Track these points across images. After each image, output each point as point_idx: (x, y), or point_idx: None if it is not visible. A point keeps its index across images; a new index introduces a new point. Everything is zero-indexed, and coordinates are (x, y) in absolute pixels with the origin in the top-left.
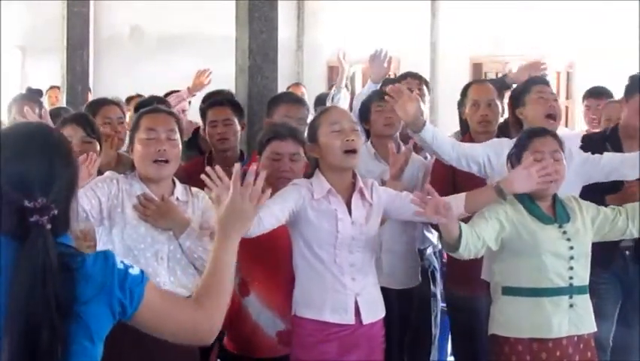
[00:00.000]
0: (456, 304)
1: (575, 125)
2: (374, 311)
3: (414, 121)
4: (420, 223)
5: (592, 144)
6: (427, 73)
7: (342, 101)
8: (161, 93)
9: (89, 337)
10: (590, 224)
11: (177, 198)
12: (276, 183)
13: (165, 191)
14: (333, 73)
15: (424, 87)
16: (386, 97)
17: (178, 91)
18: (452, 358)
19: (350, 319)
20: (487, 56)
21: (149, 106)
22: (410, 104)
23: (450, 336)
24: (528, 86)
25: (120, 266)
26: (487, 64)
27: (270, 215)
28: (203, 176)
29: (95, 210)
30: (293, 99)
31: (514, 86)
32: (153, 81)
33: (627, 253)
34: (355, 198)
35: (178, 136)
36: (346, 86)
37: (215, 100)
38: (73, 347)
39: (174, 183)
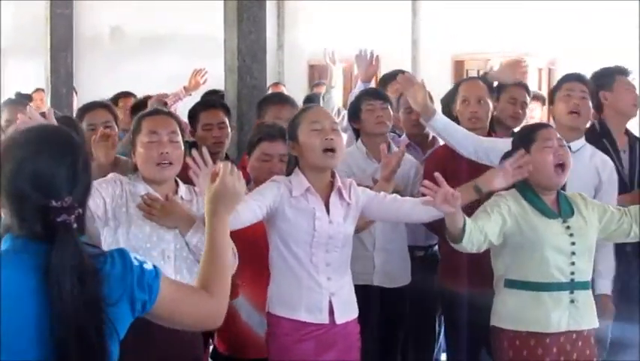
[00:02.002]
0: (450, 300)
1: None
2: (348, 311)
3: (424, 109)
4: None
5: (591, 142)
6: (408, 71)
7: (333, 100)
8: (143, 94)
9: (117, 338)
10: (597, 222)
11: (181, 198)
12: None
13: (168, 190)
14: (314, 72)
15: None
16: (397, 84)
17: (164, 93)
18: (444, 354)
19: (324, 318)
20: (469, 53)
21: (144, 106)
22: (420, 92)
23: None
24: (560, 83)
25: (136, 263)
26: (468, 62)
27: (248, 210)
28: (188, 159)
29: (101, 210)
30: (283, 100)
31: (495, 83)
32: (136, 82)
33: (628, 249)
34: (334, 198)
35: (180, 138)
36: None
37: (209, 102)
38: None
39: (177, 183)
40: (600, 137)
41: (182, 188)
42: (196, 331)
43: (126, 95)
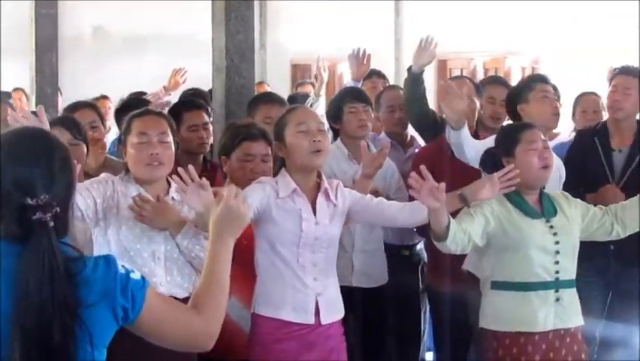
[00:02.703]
0: (437, 299)
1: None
2: (333, 312)
3: (458, 118)
4: None
5: (582, 140)
6: (391, 71)
7: (319, 110)
8: (126, 94)
9: (90, 341)
10: (580, 220)
11: (173, 198)
12: (247, 184)
13: (160, 191)
14: (296, 71)
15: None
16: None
17: (143, 93)
18: (430, 353)
19: (310, 319)
20: (452, 53)
21: (131, 106)
22: (458, 103)
23: (427, 331)
24: (531, 83)
25: (122, 271)
26: (452, 61)
27: None
28: (174, 176)
29: (91, 210)
30: (274, 99)
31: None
32: (119, 82)
33: (611, 247)
34: (320, 199)
35: (170, 138)
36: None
37: (194, 103)
38: (77, 351)
39: (169, 183)
40: (593, 135)
41: (174, 188)
42: (186, 351)
43: (103, 98)
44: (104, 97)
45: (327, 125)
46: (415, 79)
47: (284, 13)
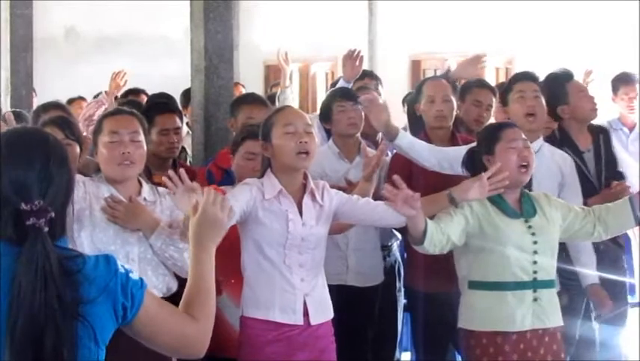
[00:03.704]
0: (416, 300)
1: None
2: (322, 312)
3: (387, 129)
4: None
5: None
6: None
7: (289, 100)
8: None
9: (93, 339)
10: (561, 220)
11: (145, 199)
12: None
13: (132, 192)
14: (270, 72)
15: (380, 86)
16: (360, 106)
17: (84, 99)
18: (408, 353)
19: (299, 319)
20: (426, 53)
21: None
22: (382, 113)
23: (404, 331)
24: (511, 84)
25: (121, 270)
26: (425, 61)
27: None
28: (164, 178)
29: None
30: (256, 100)
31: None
32: (92, 83)
33: (601, 247)
34: (306, 200)
35: (142, 137)
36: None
37: (166, 106)
38: (80, 350)
39: (141, 183)
40: (560, 144)
41: (146, 189)
42: (177, 357)
43: (80, 99)
44: (81, 98)
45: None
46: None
47: (256, 13)
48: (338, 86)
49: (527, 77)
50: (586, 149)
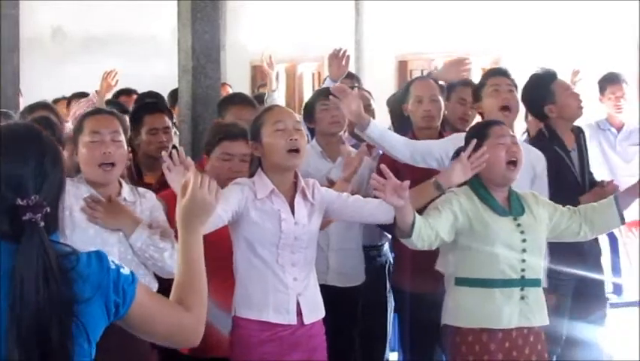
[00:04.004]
0: (404, 299)
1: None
2: (315, 311)
3: (358, 118)
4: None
5: (543, 147)
6: (352, 71)
7: (277, 103)
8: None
9: (85, 337)
10: (548, 220)
11: (125, 199)
12: (226, 183)
13: (112, 192)
14: (257, 72)
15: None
16: (330, 96)
17: (86, 94)
18: (394, 353)
19: (292, 319)
20: (413, 53)
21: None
22: (353, 103)
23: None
24: (484, 80)
25: (113, 266)
26: (412, 61)
27: (214, 215)
28: (164, 154)
29: None
30: (244, 100)
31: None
32: (78, 83)
33: (585, 247)
34: (298, 198)
35: (123, 137)
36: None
37: (155, 106)
38: (74, 348)
39: (120, 183)
40: (550, 142)
41: (126, 189)
42: (173, 347)
43: (80, 95)
44: (65, 98)
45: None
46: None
47: (243, 14)
48: (324, 85)
49: (501, 72)
50: (572, 148)
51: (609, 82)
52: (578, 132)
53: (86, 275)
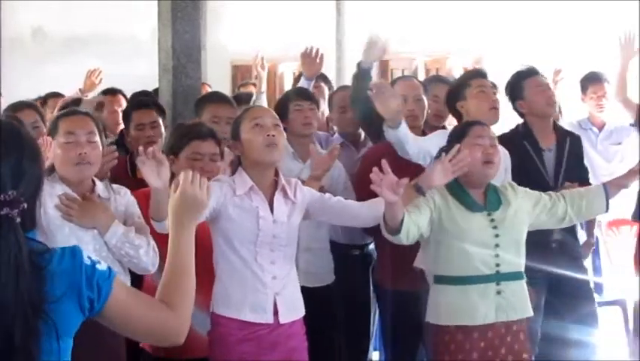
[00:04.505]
0: (386, 299)
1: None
2: (293, 310)
3: (393, 117)
4: None
5: (512, 143)
6: (333, 70)
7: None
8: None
9: (55, 336)
10: (530, 208)
11: (99, 196)
12: None
13: (86, 190)
14: (237, 72)
15: (322, 84)
16: (369, 91)
17: (62, 95)
18: (376, 353)
19: (269, 318)
20: (394, 53)
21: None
22: (393, 101)
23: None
24: (467, 80)
25: (87, 262)
26: (394, 61)
27: None
28: (140, 148)
29: None
30: (221, 99)
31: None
32: (59, 83)
33: (554, 245)
34: (278, 196)
35: (98, 138)
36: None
37: (142, 102)
38: (42, 346)
39: (94, 182)
40: (521, 138)
41: (100, 186)
42: (156, 345)
43: (55, 95)
44: (56, 94)
45: None
46: (363, 74)
47: (224, 13)
48: (299, 84)
49: (482, 74)
50: (547, 148)
51: (591, 81)
52: (566, 135)
53: (58, 273)
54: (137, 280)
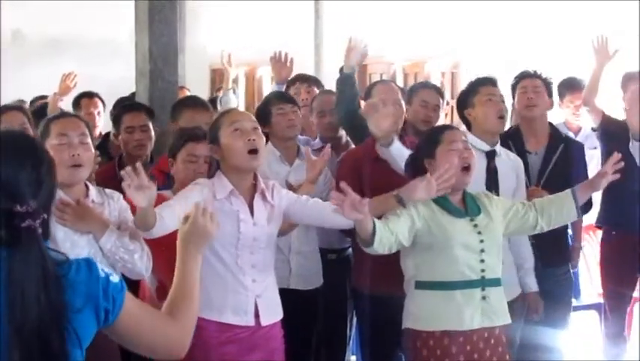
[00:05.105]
0: (363, 302)
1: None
2: (273, 313)
3: (385, 137)
4: None
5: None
6: (312, 74)
7: (231, 104)
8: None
9: (78, 345)
10: (502, 217)
11: (93, 201)
12: None
13: (79, 194)
14: (216, 75)
15: (314, 88)
16: (360, 111)
17: (46, 97)
18: (354, 357)
19: (250, 320)
20: (372, 57)
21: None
22: (385, 121)
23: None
24: (476, 87)
25: (102, 274)
26: (372, 65)
27: (173, 215)
28: (122, 172)
29: None
30: (198, 103)
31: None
32: (39, 87)
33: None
34: (257, 199)
35: (90, 140)
36: (233, 89)
37: (132, 105)
38: (73, 356)
39: (87, 185)
40: (508, 139)
41: (93, 191)
42: (157, 358)
43: (42, 98)
44: (42, 98)
45: None
46: (344, 80)
47: (202, 16)
48: (272, 89)
49: (492, 81)
50: (534, 151)
51: (568, 89)
52: (560, 140)
53: (77, 283)
54: (134, 286)
